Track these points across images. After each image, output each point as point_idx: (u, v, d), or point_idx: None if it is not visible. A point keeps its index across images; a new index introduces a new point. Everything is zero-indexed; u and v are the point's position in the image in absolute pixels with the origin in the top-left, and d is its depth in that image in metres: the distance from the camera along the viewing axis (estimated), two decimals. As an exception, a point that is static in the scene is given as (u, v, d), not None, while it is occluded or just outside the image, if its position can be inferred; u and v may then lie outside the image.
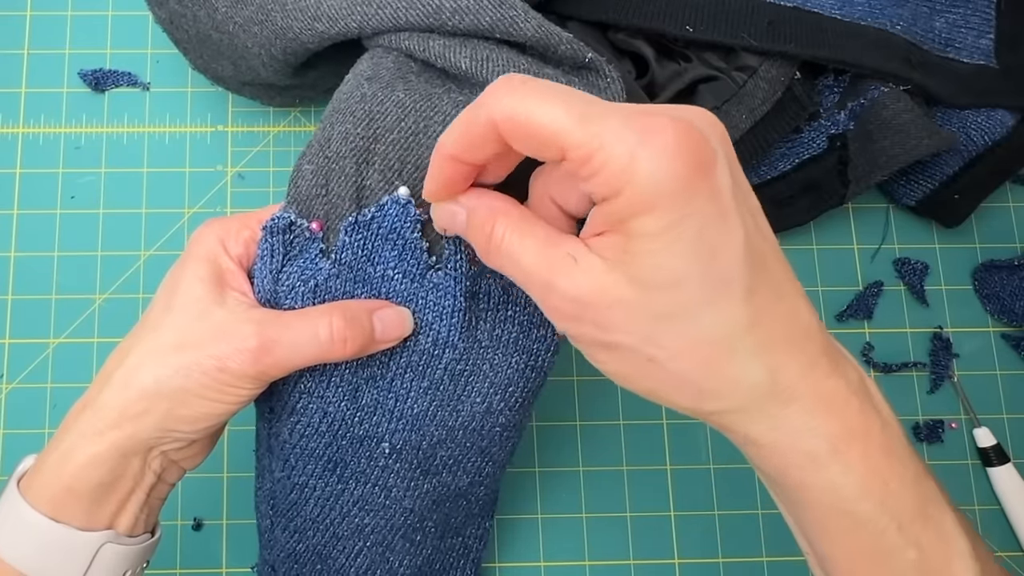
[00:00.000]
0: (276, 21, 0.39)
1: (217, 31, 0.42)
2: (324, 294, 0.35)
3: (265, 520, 0.40)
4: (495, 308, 0.36)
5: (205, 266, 0.35)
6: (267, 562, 0.40)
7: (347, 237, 0.35)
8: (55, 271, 0.51)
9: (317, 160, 0.35)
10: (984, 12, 0.52)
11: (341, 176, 0.35)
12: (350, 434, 0.37)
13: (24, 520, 0.32)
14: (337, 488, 0.38)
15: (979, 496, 0.50)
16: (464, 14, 0.34)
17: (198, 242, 0.35)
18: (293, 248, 0.35)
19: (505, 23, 0.35)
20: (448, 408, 0.37)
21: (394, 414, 0.37)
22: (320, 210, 0.35)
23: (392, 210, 0.34)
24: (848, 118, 0.50)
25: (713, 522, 0.49)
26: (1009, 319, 0.52)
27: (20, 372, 0.50)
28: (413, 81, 0.36)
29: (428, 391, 0.36)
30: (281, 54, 0.40)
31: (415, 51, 0.36)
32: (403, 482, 0.38)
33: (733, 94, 0.48)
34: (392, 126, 0.34)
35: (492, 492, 0.41)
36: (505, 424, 0.38)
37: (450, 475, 0.38)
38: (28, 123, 0.53)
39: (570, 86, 0.33)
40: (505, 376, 0.36)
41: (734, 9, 0.48)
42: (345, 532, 0.38)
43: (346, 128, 0.35)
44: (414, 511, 0.39)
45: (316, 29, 0.38)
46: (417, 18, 0.35)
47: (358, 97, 0.35)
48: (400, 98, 0.35)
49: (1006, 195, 0.55)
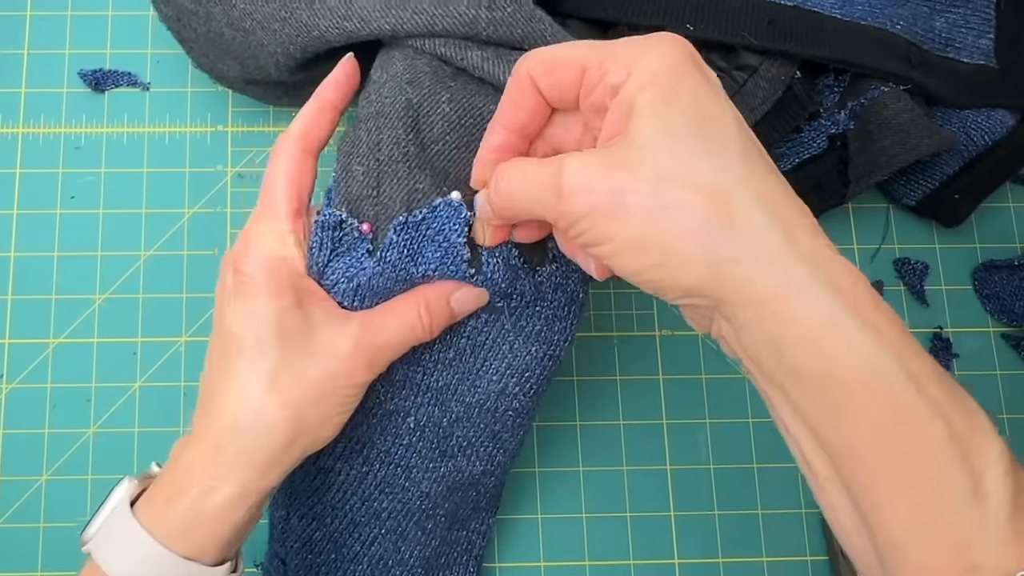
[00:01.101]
0: (301, 18, 0.39)
1: (231, 28, 0.42)
2: (366, 291, 0.35)
3: (280, 511, 0.40)
4: (524, 306, 0.38)
5: (284, 295, 0.34)
6: (277, 555, 0.41)
7: (395, 236, 0.35)
8: (55, 271, 0.51)
9: (367, 162, 0.36)
10: (984, 12, 0.52)
11: (394, 179, 0.35)
12: (380, 411, 0.38)
13: (149, 553, 0.32)
14: (362, 471, 0.39)
15: (979, 496, 0.50)
16: (498, 26, 0.36)
17: (260, 267, 0.34)
18: (341, 245, 0.35)
19: (535, 36, 0.37)
20: (468, 383, 0.38)
21: (420, 387, 0.38)
22: (370, 211, 0.36)
23: (444, 211, 0.35)
24: (848, 118, 0.50)
25: (713, 522, 0.49)
26: (1009, 319, 0.52)
27: (20, 372, 0.50)
28: (453, 88, 0.37)
29: (452, 362, 0.38)
30: (300, 52, 0.40)
31: (452, 59, 0.37)
32: (423, 462, 0.39)
33: (733, 93, 0.48)
34: (438, 137, 0.36)
35: (500, 486, 0.42)
36: (518, 409, 0.39)
37: (464, 459, 0.39)
38: (28, 123, 0.53)
39: None
40: (523, 362, 0.38)
41: (734, 8, 0.48)
42: (363, 518, 0.39)
43: (396, 133, 0.35)
44: (430, 495, 0.40)
45: (345, 28, 0.38)
46: (453, 27, 0.36)
47: (403, 103, 0.36)
48: (446, 111, 0.36)
49: (1006, 195, 0.55)
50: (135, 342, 0.50)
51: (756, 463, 0.50)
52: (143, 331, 0.50)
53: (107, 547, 0.33)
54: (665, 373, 0.51)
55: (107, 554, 0.33)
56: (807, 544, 0.49)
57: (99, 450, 0.49)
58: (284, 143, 0.35)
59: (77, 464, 0.48)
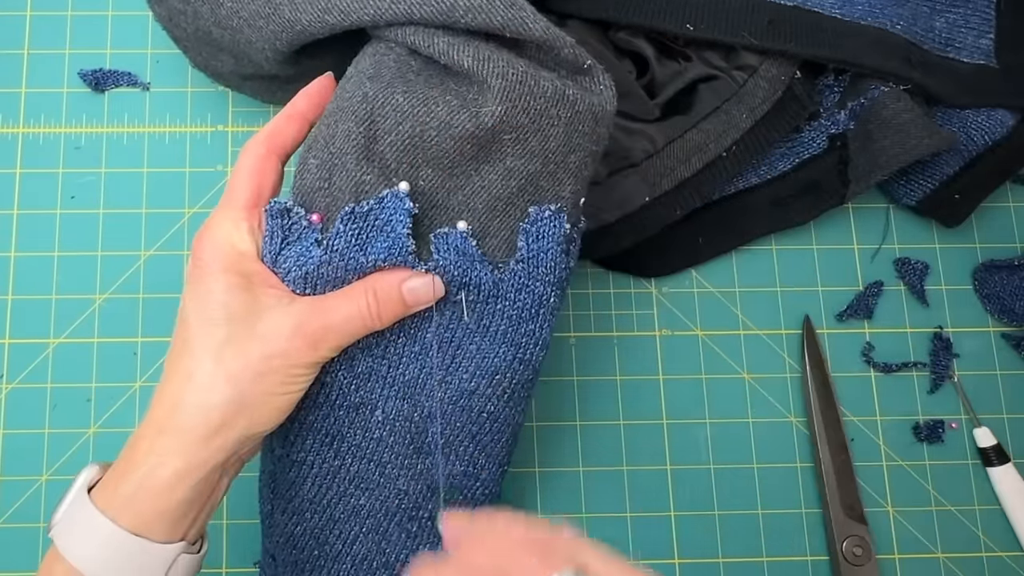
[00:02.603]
0: (284, 14, 0.40)
1: (219, 27, 0.43)
2: (316, 280, 0.36)
3: (266, 505, 0.40)
4: (484, 300, 0.38)
5: (231, 276, 0.35)
6: (268, 551, 0.41)
7: (342, 225, 0.36)
8: (55, 271, 0.51)
9: (321, 155, 0.37)
10: (984, 12, 0.52)
11: (343, 171, 0.36)
12: (346, 403, 0.39)
13: (102, 532, 0.33)
14: (334, 464, 0.39)
15: (979, 496, 0.50)
16: (477, 12, 0.35)
17: (212, 253, 0.36)
18: (292, 234, 0.36)
19: (515, 23, 0.36)
20: (437, 378, 0.38)
21: (387, 380, 0.39)
22: (322, 202, 0.37)
23: (391, 203, 0.36)
24: (848, 118, 0.50)
25: (713, 522, 0.49)
26: (1009, 319, 0.52)
27: (20, 372, 0.50)
28: (412, 81, 0.37)
29: (418, 356, 0.38)
30: (286, 47, 0.41)
31: (420, 46, 0.37)
32: (397, 458, 0.39)
33: (733, 93, 0.49)
34: (391, 129, 0.36)
35: (491, 495, 0.42)
36: (493, 413, 0.39)
37: (442, 457, 0.39)
38: (28, 123, 0.53)
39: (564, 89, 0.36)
40: (492, 364, 0.38)
41: (734, 8, 0.48)
42: (341, 514, 0.39)
43: (348, 127, 0.36)
44: (408, 494, 0.40)
45: (327, 21, 0.38)
46: (431, 14, 0.36)
47: (360, 97, 0.36)
48: (399, 103, 0.36)
49: (1006, 195, 0.55)
50: (135, 342, 0.50)
51: (756, 463, 0.50)
52: (143, 331, 0.50)
53: (66, 531, 0.34)
54: (665, 373, 0.51)
55: (66, 538, 0.34)
56: (807, 544, 0.49)
57: (99, 450, 0.49)
58: (251, 143, 0.38)
59: (77, 464, 0.48)
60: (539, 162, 0.37)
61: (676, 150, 0.49)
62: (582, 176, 0.39)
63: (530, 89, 0.35)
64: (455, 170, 0.37)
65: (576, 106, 0.36)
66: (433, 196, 0.37)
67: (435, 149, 0.36)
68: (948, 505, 0.50)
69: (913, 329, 0.53)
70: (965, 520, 0.50)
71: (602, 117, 0.38)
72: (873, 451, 0.51)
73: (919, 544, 0.49)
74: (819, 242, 0.54)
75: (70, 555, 0.33)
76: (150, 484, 0.34)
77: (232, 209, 0.37)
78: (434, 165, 0.36)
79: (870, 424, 0.51)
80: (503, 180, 0.37)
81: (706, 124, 0.48)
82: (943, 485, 0.50)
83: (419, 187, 0.36)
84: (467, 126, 0.35)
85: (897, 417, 0.51)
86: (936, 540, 0.50)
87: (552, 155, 0.37)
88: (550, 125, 0.36)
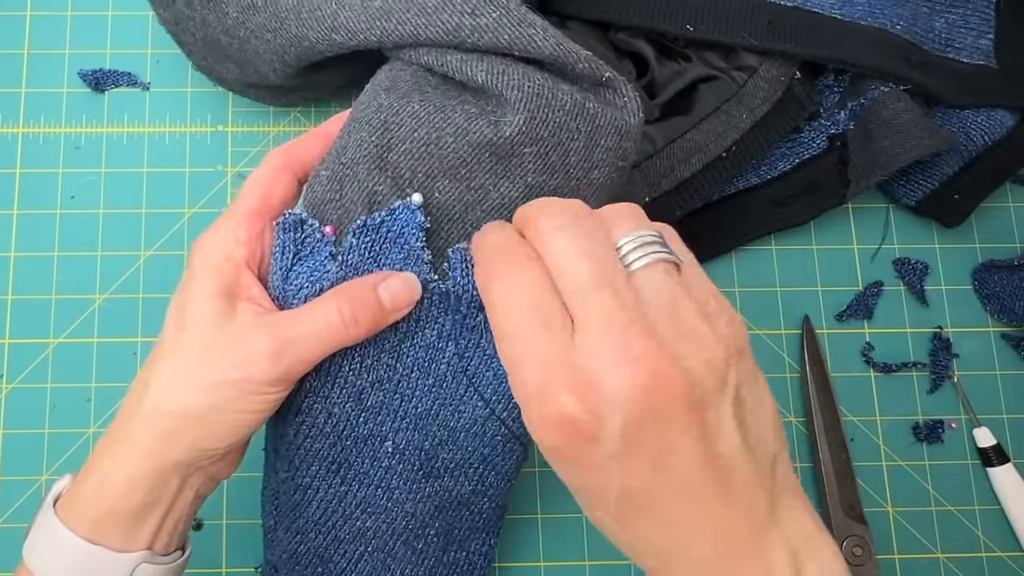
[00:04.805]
0: (291, 29, 0.39)
1: (227, 35, 0.42)
2: None
3: (269, 520, 0.40)
4: None
5: (212, 282, 0.34)
6: (270, 562, 0.40)
7: (355, 239, 0.35)
8: (55, 271, 0.51)
9: (333, 166, 0.36)
10: (984, 12, 0.52)
11: (354, 182, 0.35)
12: (354, 434, 0.37)
13: (61, 541, 0.33)
14: (340, 490, 0.38)
15: (979, 496, 0.50)
16: (483, 32, 0.34)
17: (201, 258, 0.35)
18: (304, 248, 0.35)
19: (523, 41, 0.34)
20: (451, 408, 0.37)
21: (398, 413, 0.37)
22: (333, 214, 0.36)
23: (403, 214, 0.35)
24: (848, 118, 0.50)
25: (713, 522, 0.49)
26: (1009, 319, 0.52)
27: (20, 372, 0.50)
28: (429, 93, 0.36)
29: (432, 388, 0.37)
30: (295, 60, 0.40)
31: (434, 65, 0.36)
32: (405, 483, 0.38)
33: (733, 94, 0.49)
34: (406, 136, 0.35)
35: (498, 507, 0.41)
36: (507, 435, 0.38)
37: (452, 479, 0.38)
38: (28, 123, 0.53)
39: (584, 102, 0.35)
40: (508, 387, 0.36)
41: (734, 8, 0.48)
42: (347, 535, 0.38)
43: (361, 136, 0.35)
44: (415, 515, 0.39)
45: (334, 40, 0.38)
46: (437, 35, 0.35)
47: (374, 107, 0.35)
48: (415, 109, 0.35)
49: (1006, 195, 0.55)
50: (135, 342, 0.50)
51: (756, 463, 0.50)
52: (143, 331, 0.50)
53: (31, 541, 0.34)
54: (665, 373, 0.51)
55: (30, 548, 0.34)
56: (807, 544, 0.49)
57: (99, 450, 0.49)
58: (269, 154, 0.37)
59: (77, 464, 0.48)
60: (560, 177, 0.35)
61: (676, 150, 0.49)
62: (607, 192, 0.37)
63: (548, 101, 0.34)
64: (472, 183, 0.35)
65: (596, 120, 0.35)
66: (450, 209, 0.36)
67: (452, 157, 0.35)
68: (948, 505, 0.50)
69: (913, 329, 0.53)
70: (965, 520, 0.50)
71: (627, 132, 0.36)
72: (873, 451, 0.51)
73: (919, 544, 0.49)
74: (819, 242, 0.54)
75: (32, 566, 0.33)
76: (104, 490, 0.33)
77: (233, 215, 0.36)
78: (451, 176, 0.35)
79: (870, 424, 0.51)
80: (524, 196, 0.35)
81: (706, 124, 0.48)
82: (943, 485, 0.50)
83: (435, 199, 0.35)
84: (486, 132, 0.34)
85: (897, 417, 0.51)
86: (936, 540, 0.50)
87: (573, 170, 0.35)
88: (570, 139, 0.35)
